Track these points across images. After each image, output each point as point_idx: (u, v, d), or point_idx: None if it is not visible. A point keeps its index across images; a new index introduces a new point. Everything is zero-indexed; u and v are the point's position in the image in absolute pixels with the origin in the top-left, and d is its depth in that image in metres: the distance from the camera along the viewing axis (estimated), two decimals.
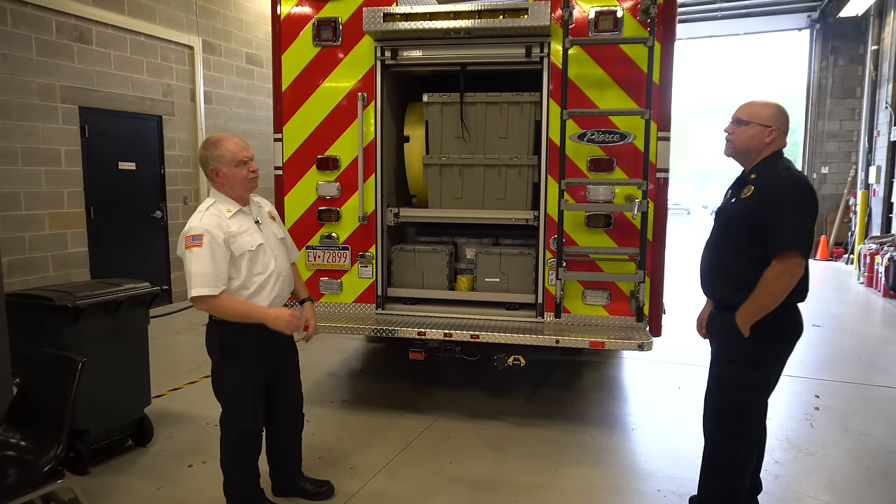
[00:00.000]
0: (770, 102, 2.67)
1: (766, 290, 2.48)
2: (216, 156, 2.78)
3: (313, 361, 5.68)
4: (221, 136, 2.85)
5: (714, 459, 2.79)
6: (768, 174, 2.57)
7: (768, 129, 2.59)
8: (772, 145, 2.62)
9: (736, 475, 2.73)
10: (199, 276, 2.63)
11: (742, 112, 2.66)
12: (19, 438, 2.60)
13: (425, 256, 4.46)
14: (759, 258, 2.50)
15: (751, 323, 2.54)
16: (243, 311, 2.73)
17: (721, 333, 2.72)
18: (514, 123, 4.26)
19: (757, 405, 2.70)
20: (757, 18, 13.13)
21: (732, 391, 2.67)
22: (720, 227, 2.73)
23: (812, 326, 7.30)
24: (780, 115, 2.63)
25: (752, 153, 2.64)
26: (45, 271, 6.47)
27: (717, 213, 2.84)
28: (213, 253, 2.66)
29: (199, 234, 2.67)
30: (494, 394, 4.80)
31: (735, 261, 2.61)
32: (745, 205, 2.57)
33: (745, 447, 2.71)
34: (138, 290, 3.66)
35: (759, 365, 2.63)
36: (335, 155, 4.34)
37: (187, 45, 8.17)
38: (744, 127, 2.63)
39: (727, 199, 2.75)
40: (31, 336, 3.30)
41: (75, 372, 2.56)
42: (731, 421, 2.69)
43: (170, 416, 4.29)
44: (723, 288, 2.68)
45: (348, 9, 4.21)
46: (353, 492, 3.31)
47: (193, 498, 3.23)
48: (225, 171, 2.78)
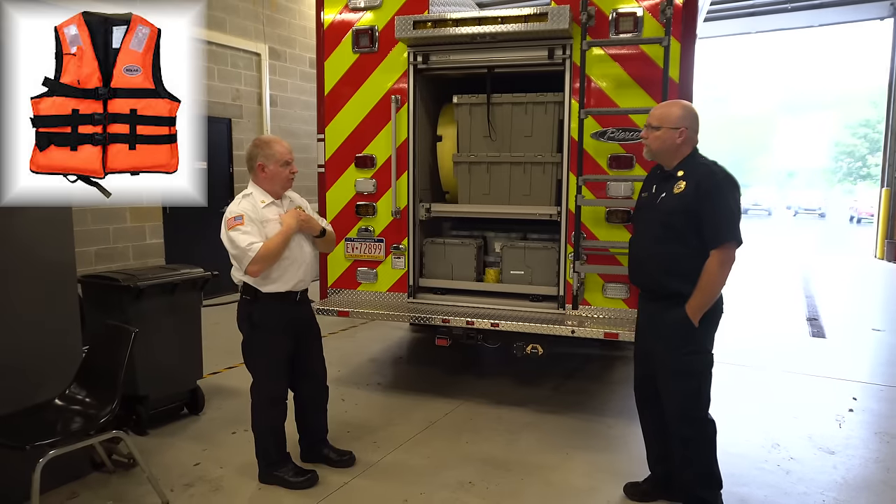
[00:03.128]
0: (677, 104, 2.87)
1: (711, 280, 2.66)
2: (266, 153, 3.17)
3: (358, 348, 6.06)
4: (272, 138, 3.26)
5: (688, 449, 2.89)
6: (697, 169, 2.75)
7: (678, 130, 2.76)
8: (685, 144, 2.79)
9: (712, 456, 2.89)
10: (247, 243, 3.00)
11: (653, 118, 2.84)
12: (84, 395, 3.06)
13: (455, 249, 4.72)
14: (701, 248, 2.67)
15: (701, 314, 2.72)
16: (280, 239, 3.08)
17: (670, 327, 2.80)
18: (538, 123, 4.43)
19: (710, 385, 2.86)
20: (832, 9, 12.49)
21: (693, 379, 2.82)
22: (655, 220, 2.84)
23: (872, 331, 7.01)
24: (687, 115, 2.80)
25: (669, 154, 2.81)
26: (126, 260, 7.19)
27: (641, 207, 3.00)
28: (251, 226, 3.05)
29: (239, 214, 3.07)
30: (523, 383, 4.99)
31: (681, 253, 2.74)
32: (680, 199, 2.73)
33: (712, 427, 2.88)
34: (192, 275, 4.12)
35: (709, 349, 2.82)
36: (372, 154, 4.67)
37: (255, 53, 8.79)
38: (655, 132, 2.80)
39: (653, 194, 2.90)
40: (100, 311, 3.81)
41: (129, 341, 2.98)
42: (696, 407, 2.84)
43: (222, 390, 4.76)
44: (671, 280, 2.79)
45: (384, 17, 4.52)
46: (372, 462, 3.61)
47: (233, 459, 3.64)
48: (271, 168, 3.17)
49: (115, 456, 3.46)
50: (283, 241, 3.11)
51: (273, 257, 3.09)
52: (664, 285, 2.81)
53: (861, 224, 27.84)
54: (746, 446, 3.84)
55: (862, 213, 28.97)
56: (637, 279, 3.04)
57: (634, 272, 3.04)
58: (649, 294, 2.96)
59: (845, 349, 6.27)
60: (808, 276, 11.16)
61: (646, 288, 2.99)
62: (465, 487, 3.35)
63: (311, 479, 3.32)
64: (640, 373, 3.11)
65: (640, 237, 2.98)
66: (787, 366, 5.51)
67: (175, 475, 3.43)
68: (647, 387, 3.04)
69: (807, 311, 8.01)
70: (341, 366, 5.40)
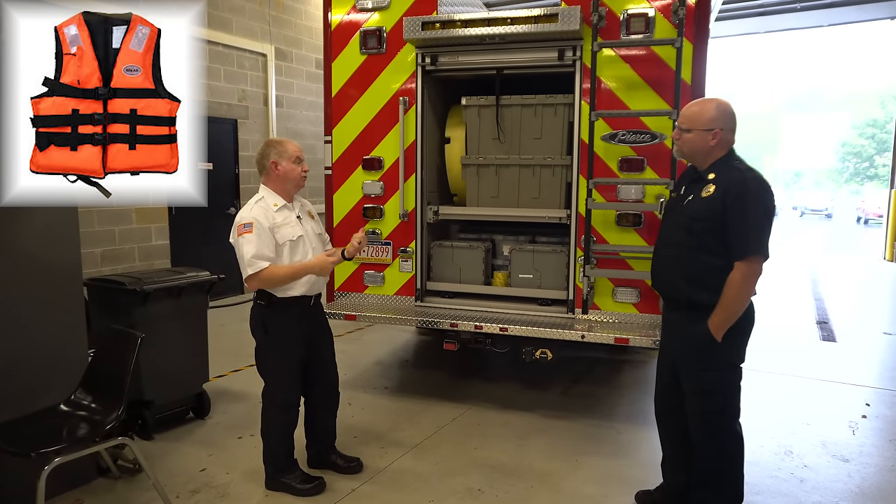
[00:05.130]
0: (710, 102, 2.67)
1: (734, 295, 2.51)
2: (279, 150, 3.16)
3: (364, 350, 6.02)
4: (282, 138, 3.28)
5: (713, 465, 2.76)
6: (729, 173, 2.58)
7: (711, 132, 2.60)
8: (719, 146, 2.63)
9: (738, 472, 2.78)
10: (251, 256, 2.99)
11: (683, 119, 2.69)
12: (90, 401, 3.02)
13: (462, 252, 4.67)
14: (726, 258, 2.53)
15: (724, 330, 2.56)
16: (293, 270, 3.08)
17: (692, 342, 2.65)
18: (547, 125, 4.39)
19: (738, 401, 2.72)
20: (841, 9, 12.39)
21: (718, 396, 2.68)
22: (679, 225, 2.69)
23: (883, 334, 6.94)
24: (721, 115, 2.62)
25: (701, 156, 2.66)
26: (132, 261, 7.18)
27: (670, 209, 2.85)
28: (260, 236, 3.02)
29: (249, 222, 3.04)
30: (530, 387, 4.95)
31: (706, 261, 2.58)
32: (708, 203, 2.56)
33: (739, 443, 2.75)
34: (199, 278, 4.08)
35: (737, 363, 2.67)
36: (379, 156, 4.62)
37: (261, 53, 8.76)
38: (687, 134, 2.66)
39: (681, 195, 2.75)
40: (106, 315, 3.78)
41: (135, 346, 2.95)
42: (719, 423, 2.71)
43: (228, 394, 4.72)
44: (693, 289, 2.64)
45: (392, 18, 4.48)
46: (380, 468, 3.57)
47: (239, 465, 3.60)
48: (284, 165, 3.15)
49: (120, 461, 3.43)
50: (295, 275, 3.09)
51: (276, 284, 3.09)
52: (685, 294, 2.67)
53: (868, 225, 27.65)
54: (760, 454, 3.78)
55: (869, 214, 28.76)
56: (658, 285, 2.92)
57: (656, 278, 2.90)
58: (672, 302, 2.82)
59: (856, 353, 6.20)
60: (816, 277, 11.07)
61: (667, 295, 2.87)
62: (474, 495, 3.31)
63: (319, 485, 3.28)
64: (663, 382, 2.94)
65: (664, 241, 2.82)
66: (798, 370, 5.44)
67: (181, 481, 3.40)
68: (670, 397, 2.88)
69: (816, 314, 7.94)
70: (348, 369, 5.36)
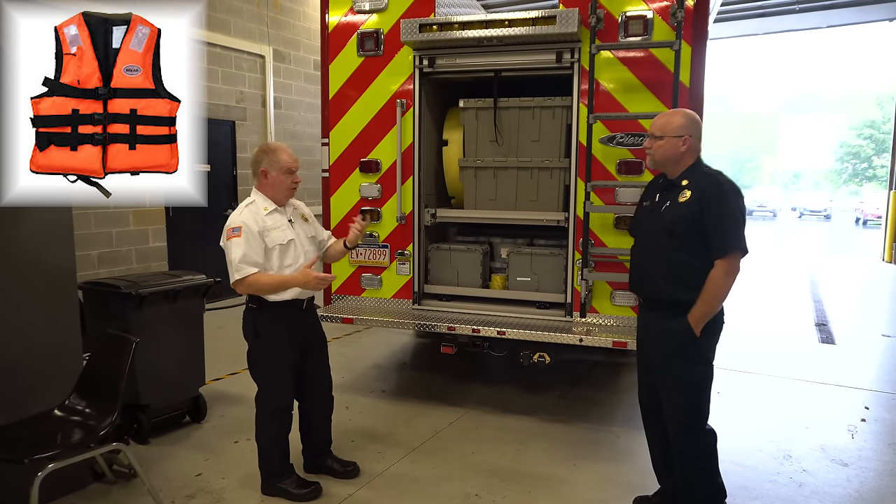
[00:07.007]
0: (679, 112, 2.86)
1: (715, 290, 2.66)
2: (271, 160, 3.13)
3: (361, 353, 6.00)
4: (278, 146, 3.24)
5: (690, 461, 2.86)
6: (703, 178, 2.74)
7: (681, 138, 2.75)
8: (689, 153, 2.78)
9: (714, 467, 2.88)
10: (238, 260, 2.99)
11: (655, 127, 2.82)
12: (84, 406, 3.00)
13: (460, 255, 4.65)
14: (706, 257, 2.67)
15: (704, 323, 2.71)
16: (276, 282, 3.08)
17: (672, 337, 2.78)
18: (546, 127, 4.37)
19: (709, 396, 2.84)
20: (840, 10, 12.39)
21: (695, 389, 2.80)
22: (659, 229, 2.80)
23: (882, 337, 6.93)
24: (689, 123, 2.77)
25: (672, 163, 2.80)
26: (129, 263, 7.15)
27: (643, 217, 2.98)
28: (248, 241, 3.01)
29: (238, 226, 3.03)
30: (528, 391, 4.93)
31: (686, 262, 2.71)
32: (687, 207, 2.70)
33: (712, 438, 2.87)
34: (195, 281, 4.06)
35: (711, 358, 2.82)
36: (377, 158, 4.60)
37: (259, 55, 8.74)
38: (659, 141, 2.78)
39: (655, 203, 2.88)
40: (101, 319, 3.76)
41: (129, 350, 2.93)
42: (697, 417, 2.83)
43: (225, 397, 4.70)
44: (673, 288, 2.76)
45: (389, 20, 4.46)
46: (377, 472, 3.55)
47: (235, 469, 3.58)
48: (274, 175, 3.13)
49: (115, 466, 3.41)
50: (278, 287, 3.09)
51: (261, 292, 3.10)
52: (667, 294, 2.79)
53: (867, 226, 27.66)
54: (758, 458, 3.77)
55: (868, 216, 28.78)
56: (639, 288, 3.03)
57: (637, 281, 3.01)
58: (651, 303, 2.94)
59: (855, 356, 6.18)
60: (814, 279, 11.06)
61: (648, 296, 2.97)
62: (472, 500, 3.28)
63: (315, 490, 3.26)
64: (643, 382, 3.08)
65: (643, 246, 2.95)
66: (797, 373, 5.42)
67: (176, 486, 3.38)
68: (650, 396, 3.01)
69: (815, 316, 7.93)
70: (345, 371, 5.34)
